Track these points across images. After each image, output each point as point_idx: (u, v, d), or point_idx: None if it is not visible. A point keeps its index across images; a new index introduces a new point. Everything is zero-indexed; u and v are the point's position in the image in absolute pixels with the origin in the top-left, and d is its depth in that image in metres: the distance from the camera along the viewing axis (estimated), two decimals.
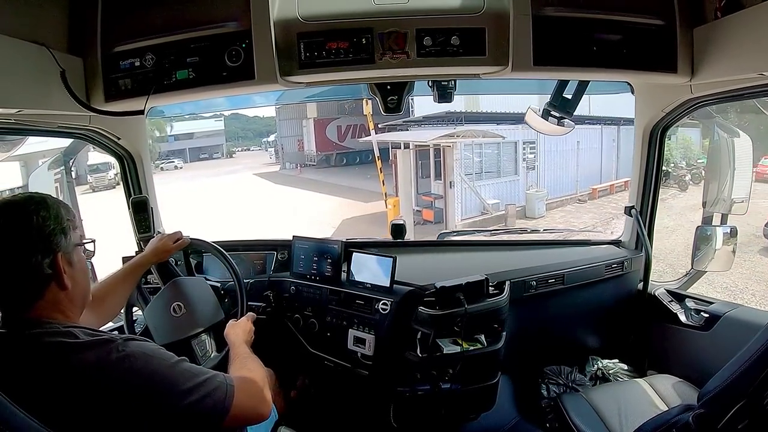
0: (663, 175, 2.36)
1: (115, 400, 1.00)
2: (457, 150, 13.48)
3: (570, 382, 2.44)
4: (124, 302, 1.76)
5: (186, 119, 33.57)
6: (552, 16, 1.52)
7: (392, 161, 15.10)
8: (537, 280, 2.29)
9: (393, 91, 1.90)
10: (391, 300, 2.06)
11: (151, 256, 1.82)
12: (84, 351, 1.01)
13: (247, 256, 2.48)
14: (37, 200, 1.10)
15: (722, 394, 1.18)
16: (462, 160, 13.69)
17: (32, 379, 0.98)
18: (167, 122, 31.75)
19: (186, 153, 36.73)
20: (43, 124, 1.80)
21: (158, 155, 33.51)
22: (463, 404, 2.09)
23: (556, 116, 2.04)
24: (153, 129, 31.66)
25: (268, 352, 1.72)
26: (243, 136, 45.99)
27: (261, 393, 1.23)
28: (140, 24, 1.59)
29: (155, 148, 33.00)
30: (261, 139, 42.72)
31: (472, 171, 13.96)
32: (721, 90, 1.75)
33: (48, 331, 1.03)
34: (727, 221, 2.29)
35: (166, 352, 1.12)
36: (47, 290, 1.07)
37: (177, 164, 32.99)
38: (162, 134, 33.73)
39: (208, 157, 38.08)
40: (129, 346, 1.05)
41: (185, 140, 37.11)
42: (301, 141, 27.80)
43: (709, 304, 2.20)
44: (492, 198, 14.03)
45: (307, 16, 1.56)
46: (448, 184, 13.59)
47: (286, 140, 29.59)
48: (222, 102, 3.38)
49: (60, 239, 1.08)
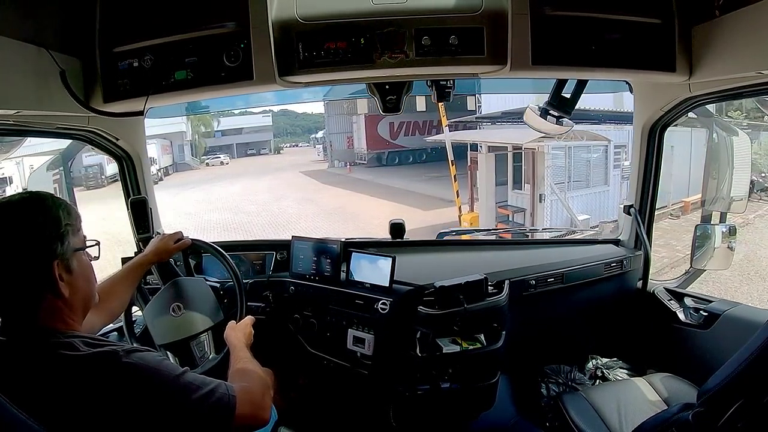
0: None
1: (119, 415, 0.99)
2: (549, 156, 10.97)
3: (569, 381, 2.44)
4: (127, 302, 1.75)
5: (234, 114, 33.57)
6: (550, 15, 1.52)
7: (470, 166, 13.18)
8: (536, 279, 2.29)
9: (391, 90, 1.90)
10: (391, 300, 2.07)
11: (152, 256, 1.82)
12: (85, 365, 0.99)
13: (246, 257, 2.48)
14: (33, 203, 1.07)
15: (722, 392, 1.18)
16: (552, 167, 11.18)
17: (33, 392, 0.97)
18: (214, 118, 31.68)
19: (233, 148, 36.65)
20: (42, 125, 1.80)
21: (204, 150, 33.53)
22: (463, 404, 2.09)
23: (554, 115, 2.03)
24: (199, 124, 31.69)
25: (268, 352, 1.72)
26: (291, 132, 46.06)
27: (262, 400, 1.22)
28: (139, 25, 1.58)
29: (201, 143, 33.17)
30: (309, 135, 42.75)
31: (560, 180, 11.34)
32: (720, 89, 1.75)
33: (49, 342, 1.01)
34: (726, 219, 2.29)
35: (170, 363, 1.10)
36: (44, 299, 1.04)
37: (223, 160, 32.61)
38: (208, 129, 33.74)
39: (256, 153, 38.06)
40: (131, 358, 1.03)
41: (233, 135, 37.11)
42: (351, 138, 26.93)
43: (709, 302, 2.20)
44: (581, 213, 11.04)
45: (305, 16, 1.56)
46: (538, 197, 11.06)
47: (335, 137, 28.51)
48: (271, 97, 3.37)
49: (56, 246, 1.05)
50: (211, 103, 3.37)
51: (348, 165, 26.35)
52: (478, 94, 11.18)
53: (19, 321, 1.04)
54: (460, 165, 16.68)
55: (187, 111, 3.70)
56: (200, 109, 3.58)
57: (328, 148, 29.43)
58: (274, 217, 15.34)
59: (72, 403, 0.97)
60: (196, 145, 32.88)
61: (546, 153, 10.89)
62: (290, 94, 3.16)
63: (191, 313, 1.88)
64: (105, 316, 1.57)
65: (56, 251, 1.05)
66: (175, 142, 29.28)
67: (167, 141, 27.95)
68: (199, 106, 3.15)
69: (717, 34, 1.48)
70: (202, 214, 16.20)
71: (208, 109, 3.86)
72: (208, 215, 15.95)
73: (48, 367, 0.98)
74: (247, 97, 3.01)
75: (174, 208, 16.64)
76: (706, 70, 1.56)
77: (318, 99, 2.72)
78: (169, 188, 22.50)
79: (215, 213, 16.31)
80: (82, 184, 22.80)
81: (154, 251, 1.83)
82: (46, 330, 1.03)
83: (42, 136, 1.93)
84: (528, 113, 2.11)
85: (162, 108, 2.17)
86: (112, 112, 1.65)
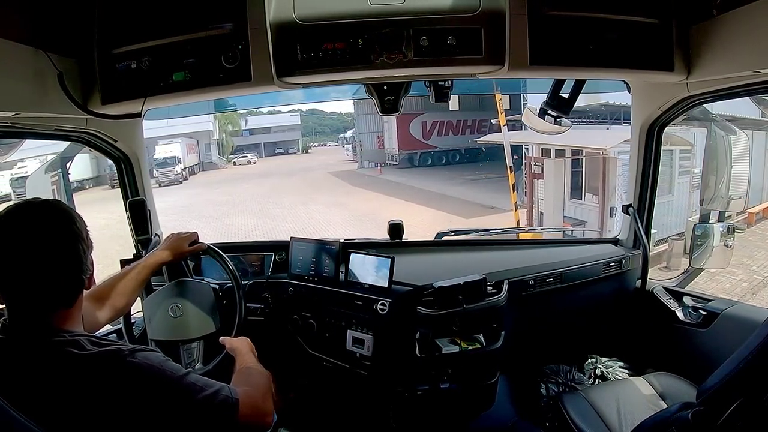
0: None
1: (122, 414, 0.99)
2: (620, 162, 9.12)
3: (569, 381, 2.44)
4: (133, 301, 1.72)
5: (263, 113, 33.53)
6: (548, 15, 1.53)
7: (532, 175, 11.23)
8: (535, 279, 2.29)
9: (390, 91, 1.90)
10: (390, 300, 2.06)
11: (165, 256, 1.79)
12: (90, 364, 1.00)
13: (245, 258, 2.47)
14: (58, 203, 1.11)
15: (721, 391, 1.18)
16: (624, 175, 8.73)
17: (37, 389, 0.97)
18: (242, 116, 31.69)
19: (261, 147, 36.48)
20: (40, 127, 1.79)
21: (232, 149, 33.41)
22: (463, 404, 2.09)
23: (552, 115, 2.04)
24: (226, 123, 31.63)
25: (267, 353, 1.72)
26: (320, 131, 45.89)
27: (264, 405, 1.22)
28: (137, 26, 1.58)
29: (228, 142, 33.10)
30: (337, 134, 42.38)
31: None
32: (718, 88, 1.75)
33: (55, 340, 1.01)
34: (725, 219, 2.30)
35: (173, 363, 1.10)
36: (80, 295, 1.09)
37: (250, 159, 32.53)
38: (235, 128, 33.64)
39: (284, 152, 37.93)
40: (136, 357, 1.03)
41: (261, 134, 36.96)
42: (382, 138, 25.82)
43: (708, 301, 2.20)
44: None
45: (303, 17, 1.56)
46: (609, 210, 9.33)
47: (364, 137, 27.25)
48: (299, 96, 3.35)
49: (90, 255, 1.10)
50: (238, 101, 3.34)
51: (378, 166, 25.46)
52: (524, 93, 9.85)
53: (30, 319, 1.03)
54: (492, 167, 16.07)
55: (215, 109, 3.70)
56: (227, 107, 3.57)
57: (358, 148, 28.36)
58: (301, 222, 14.47)
59: (75, 402, 0.98)
60: (223, 144, 32.82)
61: (617, 158, 9.27)
62: (319, 93, 3.13)
63: (188, 317, 1.87)
64: (109, 312, 1.56)
65: (90, 260, 1.10)
66: (201, 140, 29.18)
67: (193, 140, 27.82)
68: (226, 104, 3.13)
69: (714, 34, 1.49)
70: (223, 217, 15.44)
71: (235, 107, 3.85)
72: (229, 219, 15.17)
73: (53, 365, 0.99)
74: (276, 95, 2.96)
75: (196, 210, 16.21)
76: (704, 69, 1.56)
77: (347, 98, 2.69)
78: (192, 188, 22.25)
79: (238, 217, 15.50)
80: (107, 183, 22.93)
81: (168, 251, 1.80)
82: (54, 329, 1.04)
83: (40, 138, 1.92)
84: (526, 113, 2.11)
85: (186, 106, 2.16)
86: (110, 114, 1.65)
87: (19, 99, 1.41)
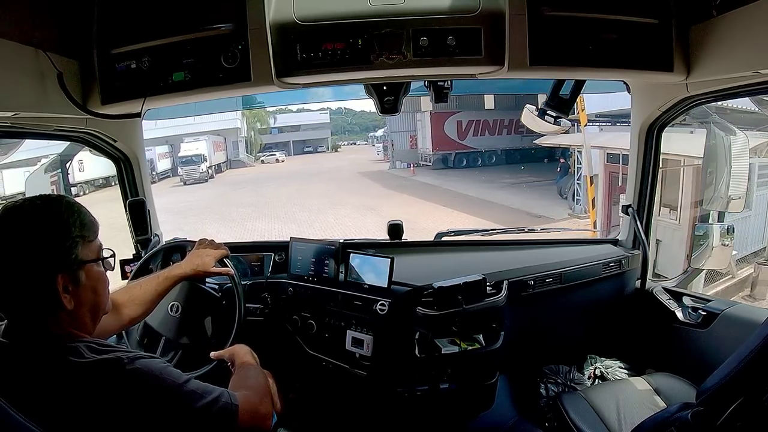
0: None
1: (122, 421, 0.99)
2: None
3: (568, 381, 2.44)
4: (149, 312, 1.65)
5: (292, 111, 33.61)
6: (548, 16, 1.53)
7: (618, 187, 9.24)
8: (535, 279, 2.29)
9: (389, 91, 1.91)
10: (389, 301, 2.06)
11: (189, 271, 1.72)
12: (89, 372, 0.99)
13: (244, 258, 2.47)
14: (43, 211, 1.04)
15: (721, 391, 1.18)
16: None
17: (36, 396, 0.97)
18: (270, 114, 31.84)
19: (290, 145, 36.30)
20: (40, 127, 1.80)
21: (260, 147, 33.33)
22: (462, 404, 2.09)
23: (552, 116, 2.04)
24: (254, 120, 31.69)
25: (266, 353, 1.72)
26: (349, 130, 45.57)
27: (264, 409, 1.22)
28: (136, 27, 1.58)
29: (257, 140, 33.11)
30: (367, 133, 41.90)
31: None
32: (717, 88, 1.75)
33: (53, 348, 1.00)
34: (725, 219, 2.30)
35: (174, 369, 1.10)
36: (47, 309, 1.02)
37: (278, 157, 32.19)
38: (264, 126, 33.67)
39: (313, 151, 37.63)
40: (136, 365, 1.02)
41: (290, 132, 36.81)
42: (414, 137, 25.04)
43: (707, 301, 2.20)
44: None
45: (303, 17, 1.56)
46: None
47: (396, 136, 26.22)
48: (328, 94, 3.31)
49: (61, 258, 1.02)
50: (266, 98, 3.30)
51: (411, 166, 24.46)
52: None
53: (24, 325, 1.03)
54: (531, 170, 15.11)
55: (243, 106, 3.69)
56: (255, 103, 3.54)
57: (390, 147, 27.45)
58: (329, 229, 13.09)
59: (75, 410, 0.97)
60: (251, 142, 32.70)
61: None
62: (348, 91, 3.10)
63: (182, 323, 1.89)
64: (123, 321, 1.52)
65: (61, 264, 1.02)
66: (229, 138, 29.06)
67: (220, 138, 27.70)
68: (254, 101, 3.09)
69: (714, 34, 1.49)
70: (245, 221, 14.48)
71: (263, 104, 3.82)
72: (252, 223, 14.18)
73: (52, 373, 0.98)
74: (304, 93, 2.92)
75: (217, 211, 15.51)
76: (704, 69, 1.56)
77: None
78: (216, 187, 21.78)
79: (261, 221, 14.54)
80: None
81: (191, 267, 1.73)
82: (52, 335, 1.03)
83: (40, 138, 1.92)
84: (525, 114, 2.11)
85: (215, 102, 2.14)
86: (109, 114, 1.66)
87: (18, 99, 1.41)
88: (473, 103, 21.57)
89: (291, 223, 14.01)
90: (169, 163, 25.94)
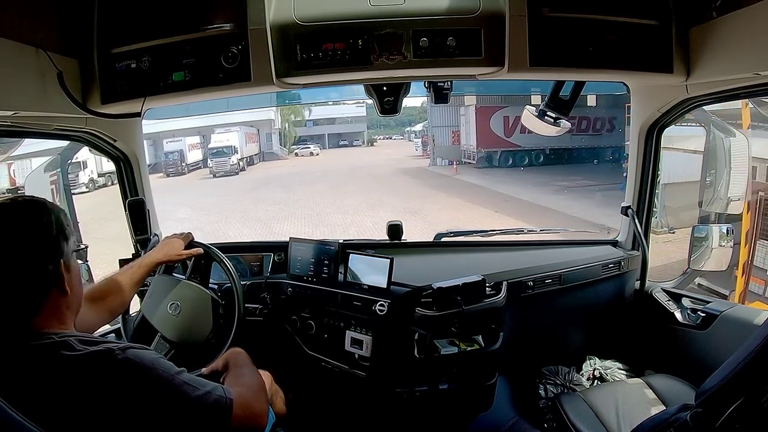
0: None
1: (116, 413, 0.99)
2: None
3: (568, 382, 2.44)
4: (128, 301, 1.72)
5: (327, 104, 32.52)
6: (548, 17, 1.53)
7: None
8: (534, 280, 2.29)
9: (389, 92, 1.91)
10: (389, 301, 2.06)
11: (160, 256, 1.78)
12: (81, 364, 0.99)
13: (244, 258, 2.47)
14: (39, 204, 1.09)
15: (720, 392, 1.18)
16: None
17: (30, 392, 0.97)
18: (305, 107, 31.09)
19: (325, 139, 35.49)
20: (40, 126, 1.80)
21: (294, 139, 32.72)
22: (461, 405, 2.09)
23: (552, 116, 2.04)
24: (289, 113, 31.24)
25: (265, 354, 1.72)
26: (384, 124, 44.66)
27: (259, 406, 1.21)
28: (137, 26, 1.59)
29: (291, 132, 32.50)
30: (403, 128, 40.35)
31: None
32: (717, 90, 1.76)
33: (44, 342, 1.01)
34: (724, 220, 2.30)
35: (166, 361, 1.10)
36: (50, 296, 1.05)
37: (313, 150, 31.44)
38: (298, 118, 33.08)
39: (348, 144, 36.78)
40: (127, 355, 1.02)
41: (325, 125, 36.01)
42: (457, 133, 23.41)
43: (706, 303, 2.20)
44: None
45: (303, 17, 1.56)
46: None
47: (437, 131, 24.59)
48: (359, 90, 3.27)
49: (63, 244, 1.08)
50: (303, 93, 3.25)
51: (454, 164, 22.51)
52: None
53: (14, 321, 1.03)
54: (583, 171, 13.14)
55: (278, 101, 3.66)
56: (292, 99, 3.49)
57: (430, 143, 25.46)
58: (368, 235, 10.92)
59: (69, 402, 0.97)
60: (285, 134, 32.18)
61: None
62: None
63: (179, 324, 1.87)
64: (104, 314, 1.55)
65: (63, 250, 1.09)
66: (262, 129, 28.69)
67: (254, 129, 27.30)
68: (292, 95, 3.07)
69: (714, 36, 1.49)
70: (272, 222, 13.24)
71: (299, 100, 3.76)
72: (279, 225, 12.87)
73: (44, 367, 0.98)
74: (341, 87, 2.90)
75: (243, 209, 14.53)
76: (704, 71, 1.57)
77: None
78: (246, 182, 20.97)
79: (289, 222, 13.20)
80: (162, 170, 22.42)
81: (162, 252, 1.79)
82: (44, 332, 1.03)
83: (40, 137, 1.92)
84: (525, 114, 2.11)
85: (247, 98, 2.11)
86: (109, 113, 1.66)
87: (19, 98, 1.41)
88: (521, 98, 18.94)
89: (322, 226, 12.61)
90: (200, 154, 25.56)
